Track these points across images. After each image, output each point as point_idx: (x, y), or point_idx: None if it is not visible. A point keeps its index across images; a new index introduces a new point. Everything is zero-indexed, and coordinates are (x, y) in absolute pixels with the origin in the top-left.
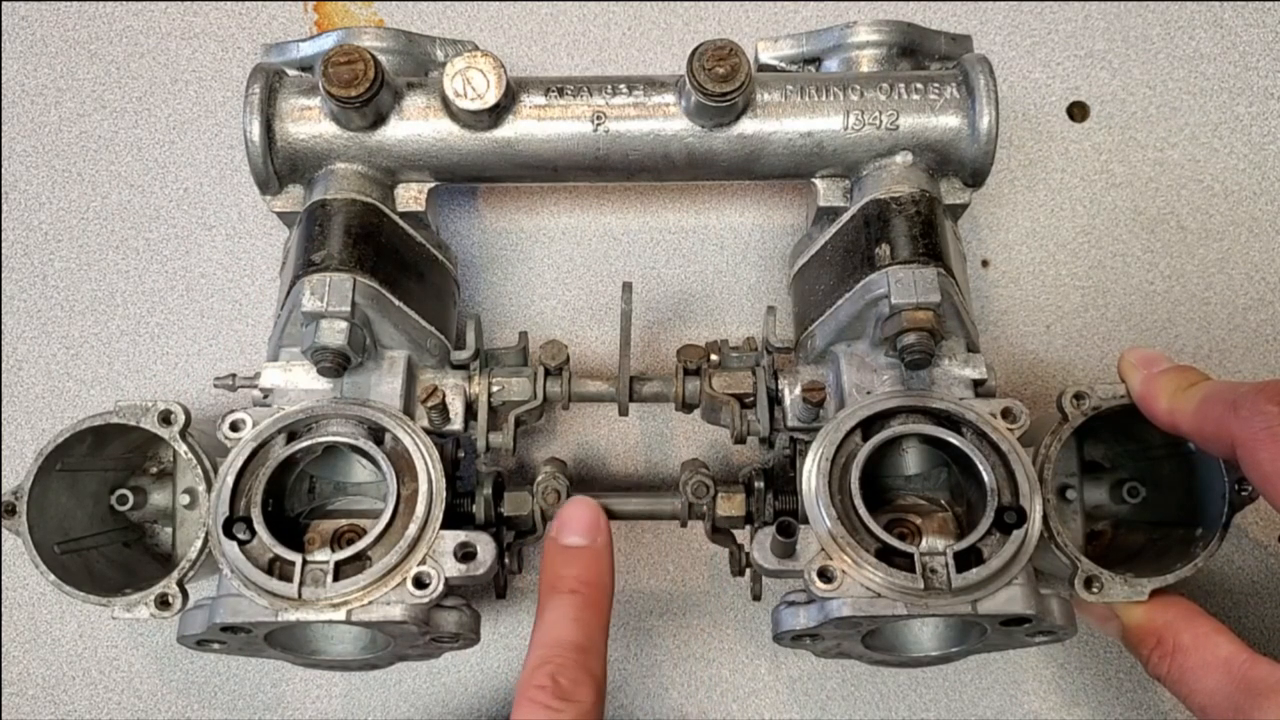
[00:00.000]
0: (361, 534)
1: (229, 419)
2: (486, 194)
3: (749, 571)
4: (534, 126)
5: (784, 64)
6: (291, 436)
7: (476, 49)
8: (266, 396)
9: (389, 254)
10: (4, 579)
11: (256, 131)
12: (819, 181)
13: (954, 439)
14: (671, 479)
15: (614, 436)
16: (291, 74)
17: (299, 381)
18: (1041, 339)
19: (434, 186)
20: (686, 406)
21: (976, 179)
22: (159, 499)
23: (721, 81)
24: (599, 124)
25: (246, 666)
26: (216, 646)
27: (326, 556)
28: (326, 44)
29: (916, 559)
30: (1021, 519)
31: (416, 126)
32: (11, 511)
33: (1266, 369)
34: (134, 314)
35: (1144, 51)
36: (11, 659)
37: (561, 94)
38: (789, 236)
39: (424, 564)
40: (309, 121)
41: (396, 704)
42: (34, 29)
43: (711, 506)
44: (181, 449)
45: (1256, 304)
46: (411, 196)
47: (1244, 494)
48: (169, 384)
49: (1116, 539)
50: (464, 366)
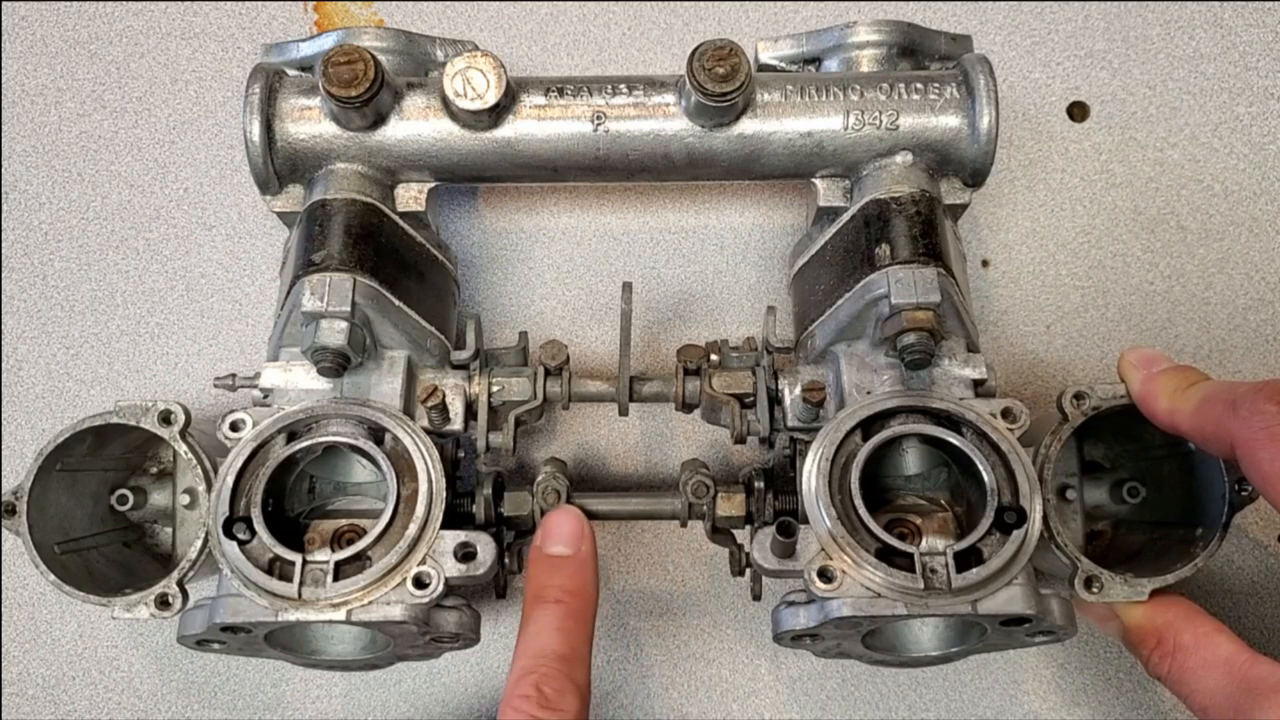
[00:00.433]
0: (361, 534)
1: (229, 419)
2: (486, 194)
3: (749, 571)
4: (534, 126)
5: (784, 64)
6: (291, 436)
7: (476, 49)
8: (266, 396)
9: (389, 254)
10: (4, 579)
11: (256, 131)
12: (819, 181)
13: (954, 439)
14: (671, 479)
15: (614, 436)
16: (291, 74)
17: (299, 381)
18: (1041, 339)
19: (434, 186)
20: (686, 406)
21: (976, 179)
22: (159, 499)
23: (721, 81)
24: (599, 124)
25: (246, 666)
26: (216, 646)
27: (326, 556)
28: (326, 44)
29: (916, 559)
30: (1021, 519)
31: (416, 126)
32: (11, 511)
33: (1266, 369)
34: (134, 314)
35: (1144, 51)
36: (11, 659)
37: (561, 94)
38: (789, 236)
39: (424, 564)
40: (309, 121)
41: (396, 704)
42: (34, 29)
43: (711, 506)
44: (181, 449)
45: (1256, 304)
46: (411, 196)
47: (1244, 494)
48: (169, 384)
49: (1116, 539)
50: (464, 366)
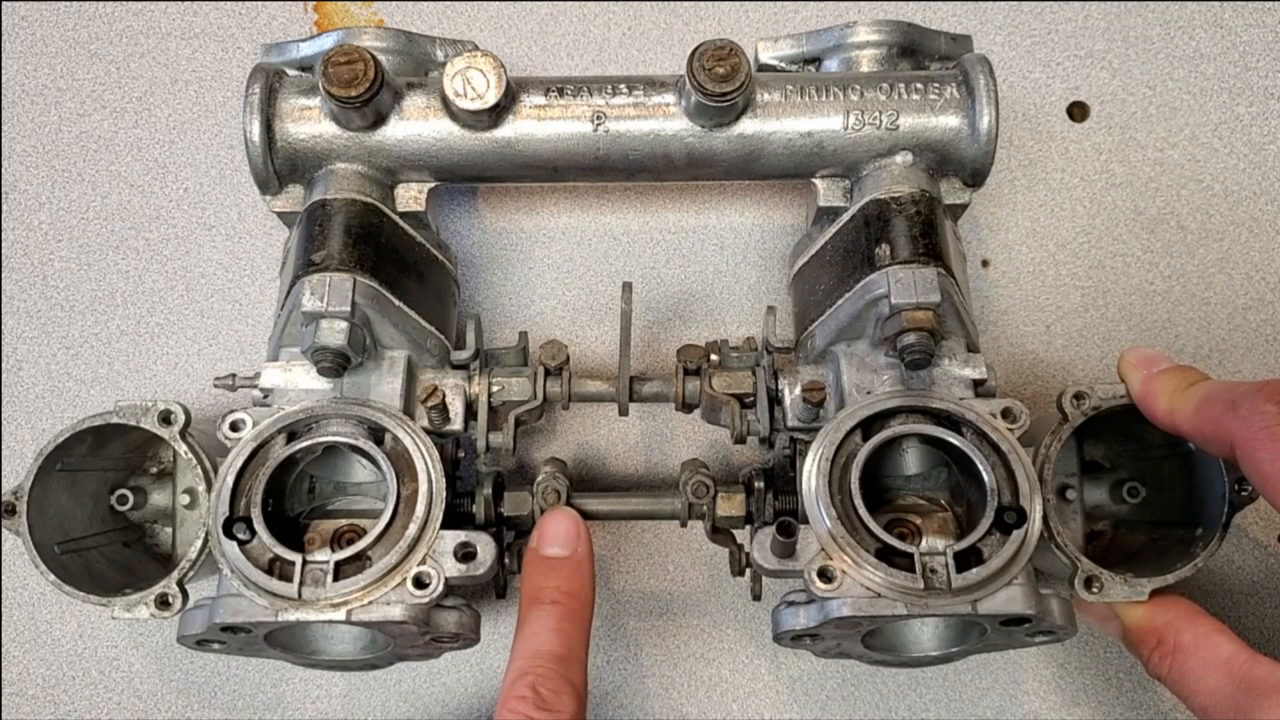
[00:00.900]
0: (361, 534)
1: (229, 419)
2: (486, 194)
3: (749, 571)
4: (534, 126)
5: (784, 64)
6: (291, 436)
7: (476, 49)
8: (266, 396)
9: (389, 254)
10: (4, 579)
11: (256, 131)
12: (819, 181)
13: (954, 439)
14: (671, 479)
15: (614, 436)
16: (291, 74)
17: (299, 381)
18: (1041, 339)
19: (434, 186)
20: (686, 406)
21: (976, 179)
22: (159, 499)
23: (721, 81)
24: (599, 124)
25: (246, 666)
26: (216, 646)
27: (326, 556)
28: (326, 44)
29: (916, 559)
30: (1021, 519)
31: (416, 126)
32: (11, 511)
33: (1266, 369)
34: (134, 314)
35: (1144, 51)
36: (11, 659)
37: (561, 94)
38: (789, 236)
39: (424, 564)
40: (309, 121)
41: (396, 704)
42: (34, 29)
43: (711, 506)
44: (181, 449)
45: (1256, 304)
46: (411, 196)
47: (1244, 494)
48: (169, 384)
49: (1116, 539)
50: (464, 366)
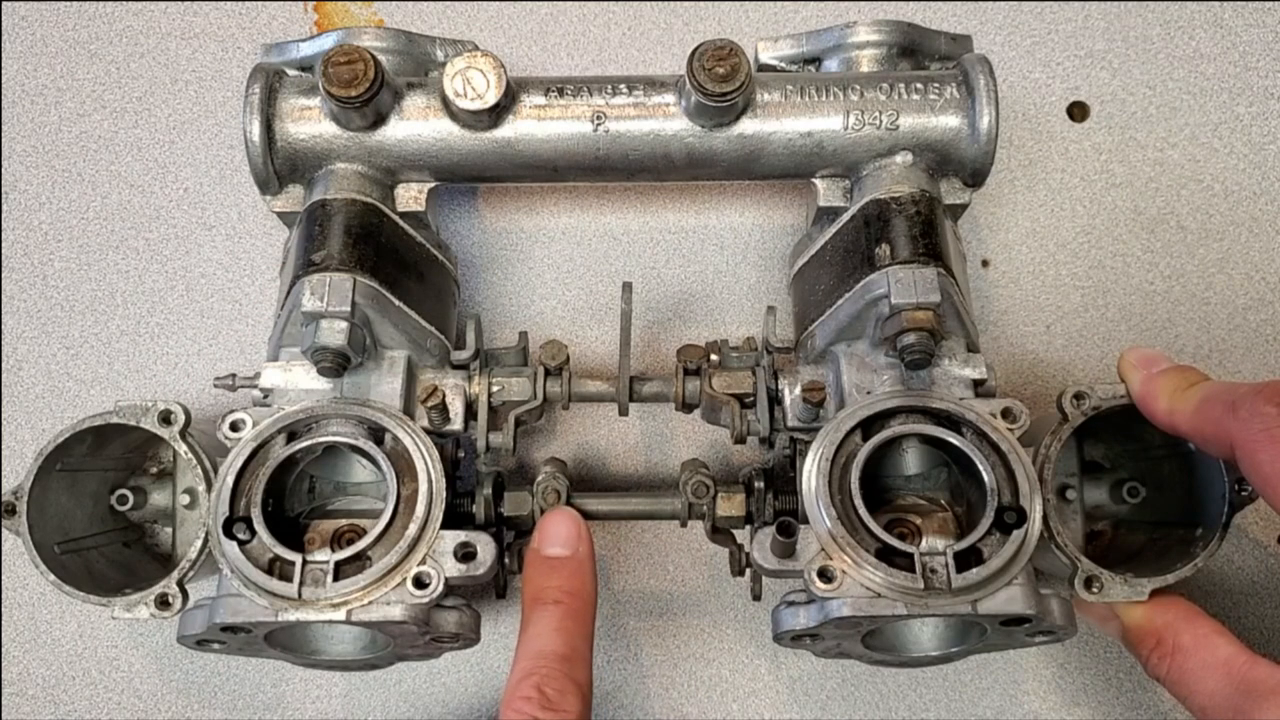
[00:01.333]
0: (361, 534)
1: (229, 419)
2: (486, 194)
3: (749, 571)
4: (534, 126)
5: (784, 64)
6: (291, 436)
7: (476, 49)
8: (266, 396)
9: (389, 254)
10: (4, 579)
11: (256, 131)
12: (819, 181)
13: (954, 439)
14: (671, 479)
15: (614, 436)
16: (291, 74)
17: (299, 381)
18: (1041, 339)
19: (434, 186)
20: (686, 406)
21: (976, 179)
22: (159, 499)
23: (721, 81)
24: (599, 124)
25: (246, 666)
26: (216, 646)
27: (326, 556)
28: (326, 44)
29: (916, 559)
30: (1021, 519)
31: (416, 126)
32: (11, 511)
33: (1266, 369)
34: (134, 314)
35: (1144, 51)
36: (11, 659)
37: (561, 94)
38: (789, 236)
39: (424, 564)
40: (309, 121)
41: (396, 704)
42: (34, 29)
43: (711, 506)
44: (181, 449)
45: (1256, 304)
46: (411, 196)
47: (1244, 494)
48: (169, 384)
49: (1116, 539)
50: (464, 366)
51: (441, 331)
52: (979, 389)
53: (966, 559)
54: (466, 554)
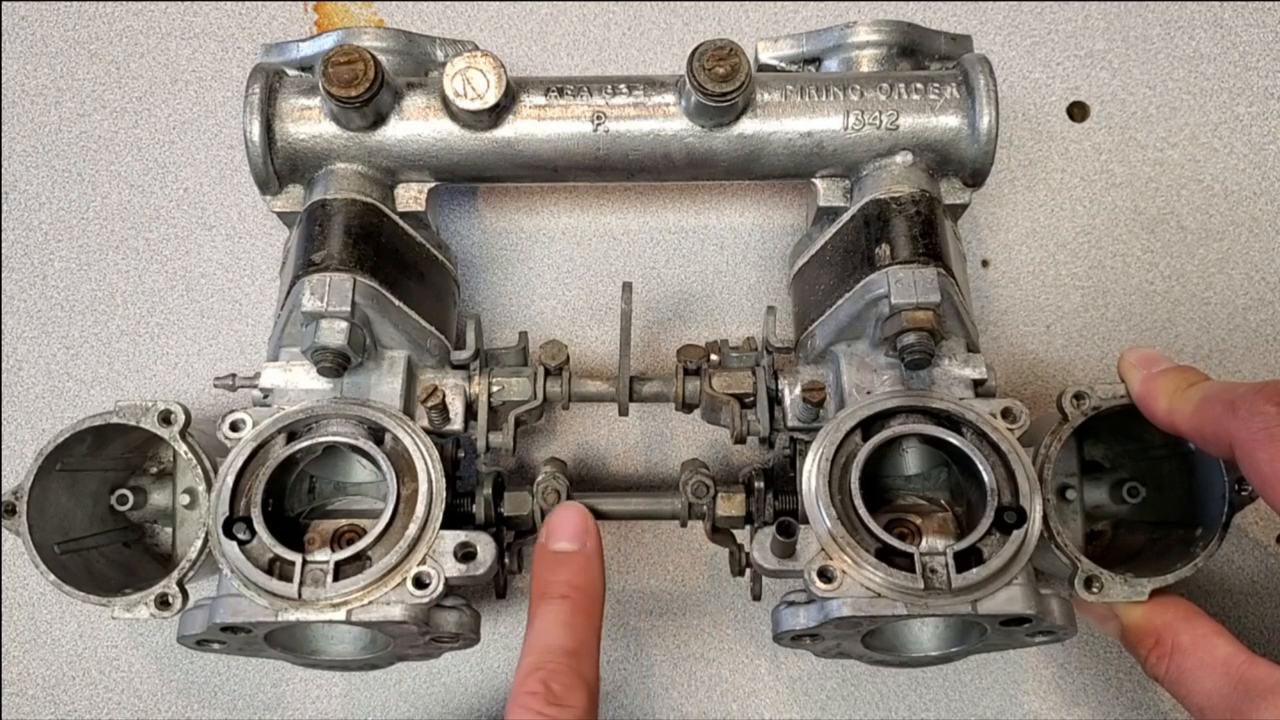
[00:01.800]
0: (361, 534)
1: (229, 419)
2: (486, 194)
3: (749, 571)
4: (534, 126)
5: (784, 64)
6: (291, 436)
7: (476, 49)
8: (266, 396)
9: (389, 254)
10: (4, 579)
11: (256, 131)
12: (819, 181)
13: (954, 439)
14: (671, 479)
15: (614, 436)
16: (291, 74)
17: (299, 381)
18: (1041, 339)
19: (434, 186)
20: (686, 406)
21: (976, 179)
22: (159, 499)
23: (721, 81)
24: (599, 124)
25: (246, 666)
26: (216, 646)
27: (326, 556)
28: (326, 44)
29: (916, 559)
30: (1021, 519)
31: (416, 126)
32: (11, 511)
33: (1266, 369)
34: (134, 314)
35: (1144, 51)
36: (11, 659)
37: (561, 94)
38: (789, 236)
39: (424, 564)
40: (309, 121)
41: (396, 704)
42: (34, 29)
43: (711, 506)
44: (181, 449)
45: (1256, 304)
46: (411, 196)
47: (1244, 494)
48: (169, 384)
49: (1116, 539)
50: (464, 366)
51: (441, 331)
52: (979, 389)
53: (966, 559)
54: (466, 554)
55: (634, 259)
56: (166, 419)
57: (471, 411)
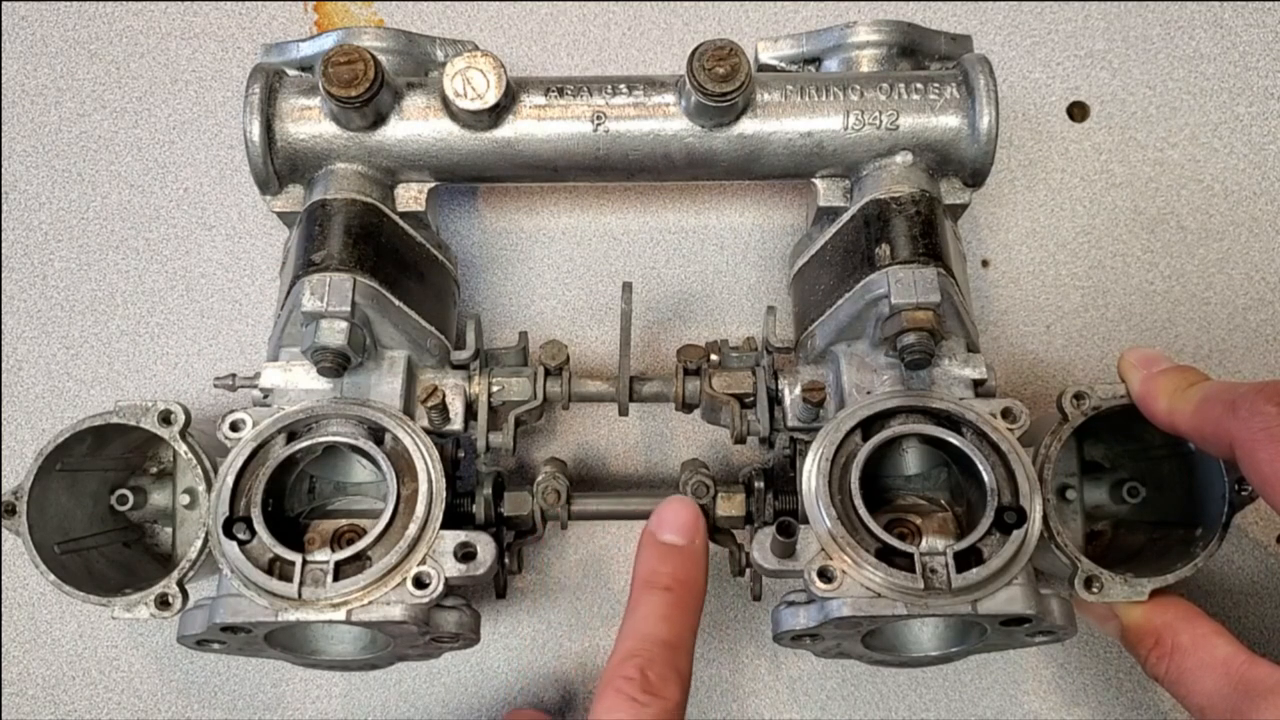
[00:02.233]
0: (361, 534)
1: (229, 419)
2: (486, 194)
3: (749, 571)
4: (534, 126)
5: (784, 64)
6: (291, 436)
7: (476, 49)
8: (266, 396)
9: (389, 254)
10: (4, 579)
11: (256, 131)
12: (819, 181)
13: (954, 439)
14: (671, 479)
15: (614, 436)
16: (291, 74)
17: (299, 381)
18: (1041, 339)
19: (434, 186)
20: (686, 406)
21: (976, 179)
22: (159, 499)
23: (721, 81)
24: (599, 124)
25: (246, 666)
26: (216, 646)
27: (326, 556)
28: (326, 44)
29: (916, 559)
30: (1021, 519)
31: (416, 126)
32: (11, 511)
33: (1266, 369)
34: (134, 314)
35: (1144, 51)
36: (11, 659)
37: (561, 94)
38: (789, 236)
39: (424, 564)
40: (309, 121)
41: (396, 704)
42: (34, 29)
43: (711, 506)
44: (181, 449)
45: (1256, 304)
46: (411, 196)
47: (1244, 494)
48: (169, 384)
49: (1116, 539)
50: (464, 366)
51: (441, 331)
52: (979, 389)
53: (966, 559)
54: (466, 554)
55: (634, 259)
56: (166, 419)
57: (471, 411)
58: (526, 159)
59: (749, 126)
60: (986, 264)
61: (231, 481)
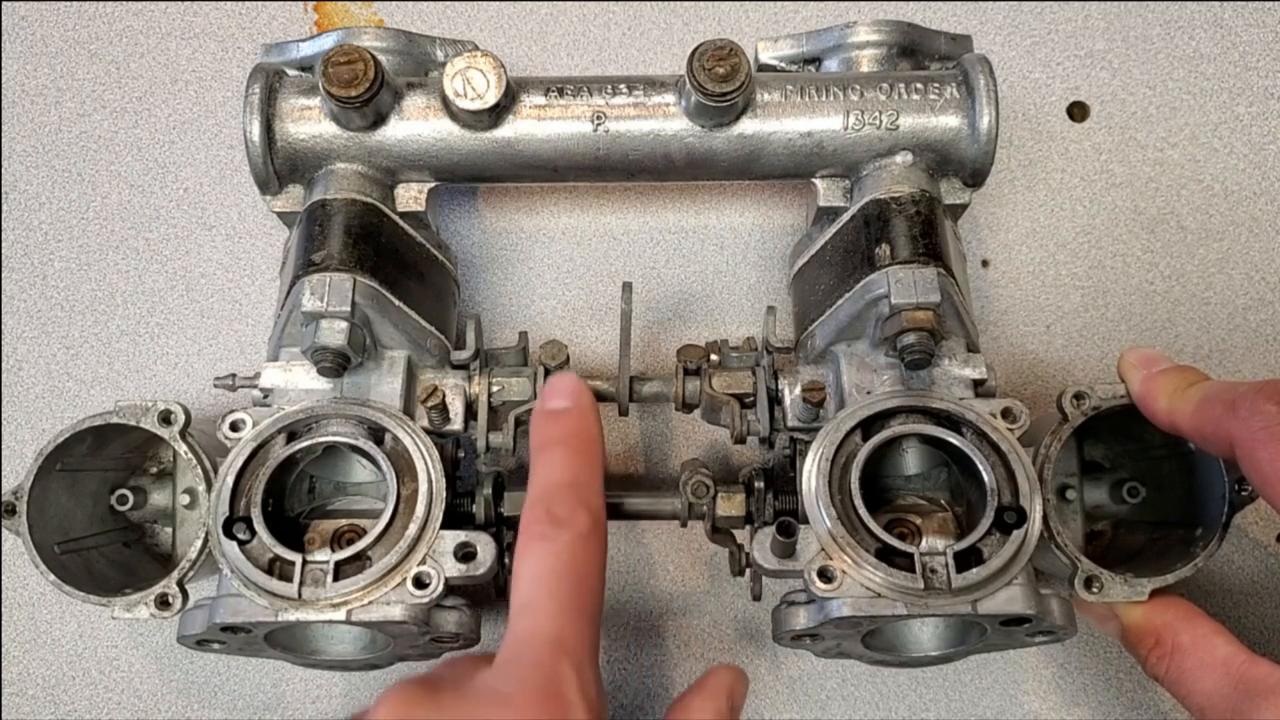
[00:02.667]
0: (361, 534)
1: (229, 419)
2: (486, 194)
3: (749, 571)
4: (534, 126)
5: (784, 64)
6: (291, 436)
7: (476, 49)
8: (266, 396)
9: (389, 254)
10: (4, 579)
11: (256, 131)
12: (819, 181)
13: (954, 439)
14: (671, 479)
15: (614, 436)
16: (291, 74)
17: (299, 381)
18: (1041, 339)
19: (434, 186)
20: (686, 406)
21: (976, 179)
22: (159, 499)
23: (721, 81)
24: (599, 124)
25: (246, 666)
26: (216, 646)
27: (326, 556)
28: (326, 44)
29: (916, 559)
30: (1021, 519)
31: (416, 126)
32: (11, 511)
33: (1266, 369)
34: (134, 314)
35: (1144, 51)
36: (11, 659)
37: (561, 94)
38: (789, 236)
39: (424, 564)
40: (309, 121)
41: None
42: (34, 29)
43: (711, 506)
44: (181, 449)
45: (1256, 304)
46: (411, 196)
47: (1244, 494)
48: (169, 384)
49: (1116, 539)
50: (464, 366)
51: (441, 331)
52: (979, 389)
53: (966, 559)
54: (466, 554)
55: (634, 259)
56: (166, 419)
57: (471, 411)
58: (526, 159)
59: (749, 126)
60: (986, 264)
61: (231, 481)
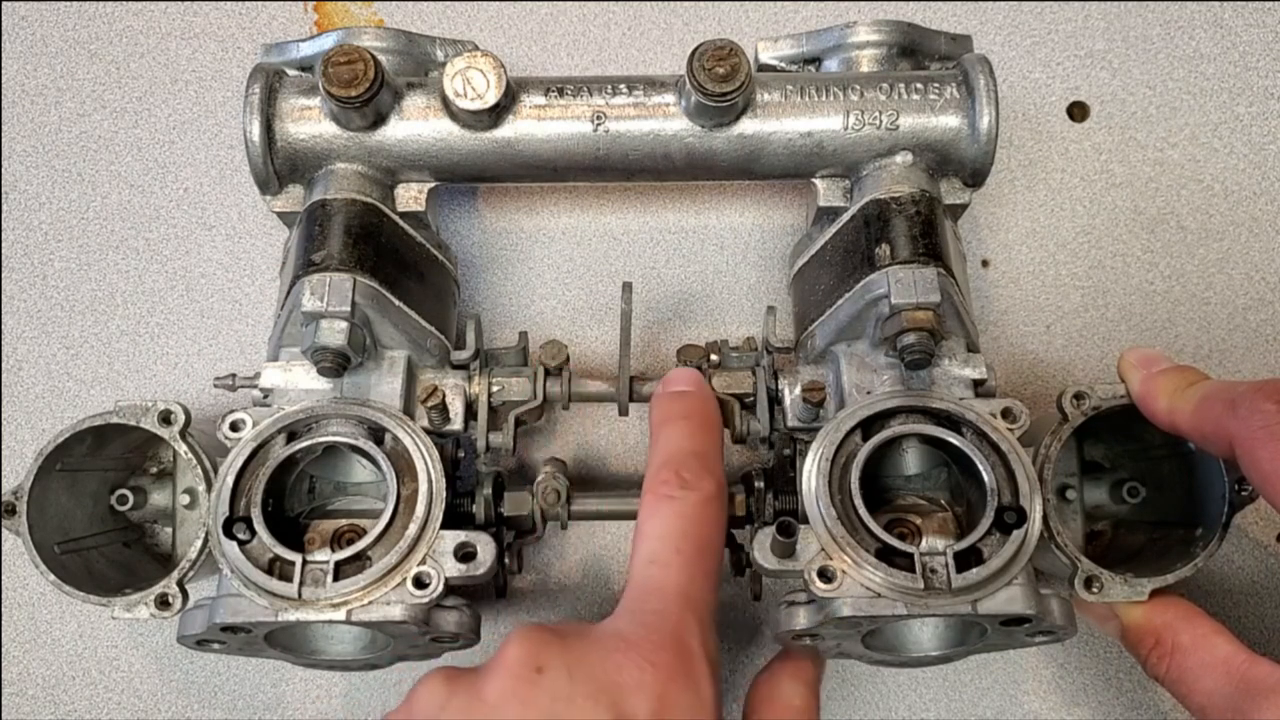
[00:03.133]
0: (361, 534)
1: (229, 419)
2: (486, 194)
3: (749, 571)
4: (534, 126)
5: (784, 64)
6: (291, 436)
7: (476, 49)
8: (266, 396)
9: (389, 254)
10: (4, 579)
11: (256, 131)
12: (819, 181)
13: (954, 439)
14: None
15: (614, 436)
16: (291, 74)
17: (299, 381)
18: (1041, 339)
19: (434, 186)
20: None
21: (976, 179)
22: (159, 499)
23: (721, 81)
24: (599, 124)
25: (246, 666)
26: (216, 646)
27: (326, 556)
28: (326, 44)
29: (916, 559)
30: (1021, 519)
31: (416, 126)
32: (11, 511)
33: (1266, 369)
34: (134, 314)
35: (1144, 51)
36: (11, 659)
37: (561, 94)
38: (789, 236)
39: (424, 564)
40: (309, 121)
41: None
42: (34, 29)
43: None
44: (181, 449)
45: (1256, 304)
46: (411, 196)
47: (1244, 494)
48: (169, 384)
49: (1116, 539)
50: (464, 366)
51: (441, 331)
52: (979, 389)
53: (966, 559)
54: (466, 554)
55: (634, 259)
56: (166, 419)
57: (471, 411)
58: (526, 159)
59: (749, 126)
60: (986, 264)
61: (231, 481)
